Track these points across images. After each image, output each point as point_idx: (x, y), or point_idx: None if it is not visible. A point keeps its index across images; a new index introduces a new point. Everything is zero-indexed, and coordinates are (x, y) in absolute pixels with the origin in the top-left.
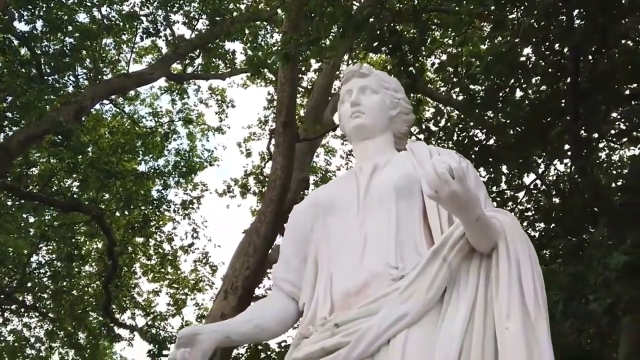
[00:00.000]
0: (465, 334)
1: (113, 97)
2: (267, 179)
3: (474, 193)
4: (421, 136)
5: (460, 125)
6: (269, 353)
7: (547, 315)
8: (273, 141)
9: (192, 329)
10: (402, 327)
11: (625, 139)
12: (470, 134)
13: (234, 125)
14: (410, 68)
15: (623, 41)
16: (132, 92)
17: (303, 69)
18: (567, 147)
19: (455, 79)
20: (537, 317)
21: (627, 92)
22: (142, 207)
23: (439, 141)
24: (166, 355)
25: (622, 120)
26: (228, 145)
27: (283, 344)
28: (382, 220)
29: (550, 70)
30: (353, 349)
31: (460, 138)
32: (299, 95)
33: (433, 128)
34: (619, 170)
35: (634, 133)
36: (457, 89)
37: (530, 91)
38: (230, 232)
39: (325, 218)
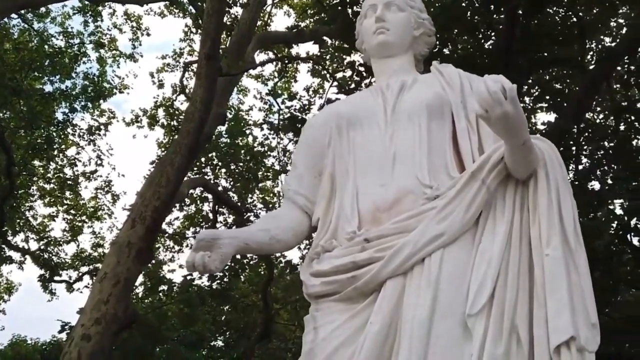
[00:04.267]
0: (503, 258)
1: (22, 11)
2: (177, 112)
3: (524, 116)
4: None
5: None
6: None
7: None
8: (187, 74)
9: (211, 232)
10: (438, 246)
11: (540, 104)
12: None
13: (147, 55)
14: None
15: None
16: (42, 9)
17: (230, 1)
18: None
19: None
20: (576, 246)
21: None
22: (46, 129)
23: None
24: (57, 281)
25: (537, 86)
26: (139, 75)
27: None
28: (412, 136)
29: (482, 28)
30: (387, 265)
31: None
32: None
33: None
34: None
35: (558, 99)
36: None
37: (459, 46)
38: (134, 162)
39: (349, 132)
